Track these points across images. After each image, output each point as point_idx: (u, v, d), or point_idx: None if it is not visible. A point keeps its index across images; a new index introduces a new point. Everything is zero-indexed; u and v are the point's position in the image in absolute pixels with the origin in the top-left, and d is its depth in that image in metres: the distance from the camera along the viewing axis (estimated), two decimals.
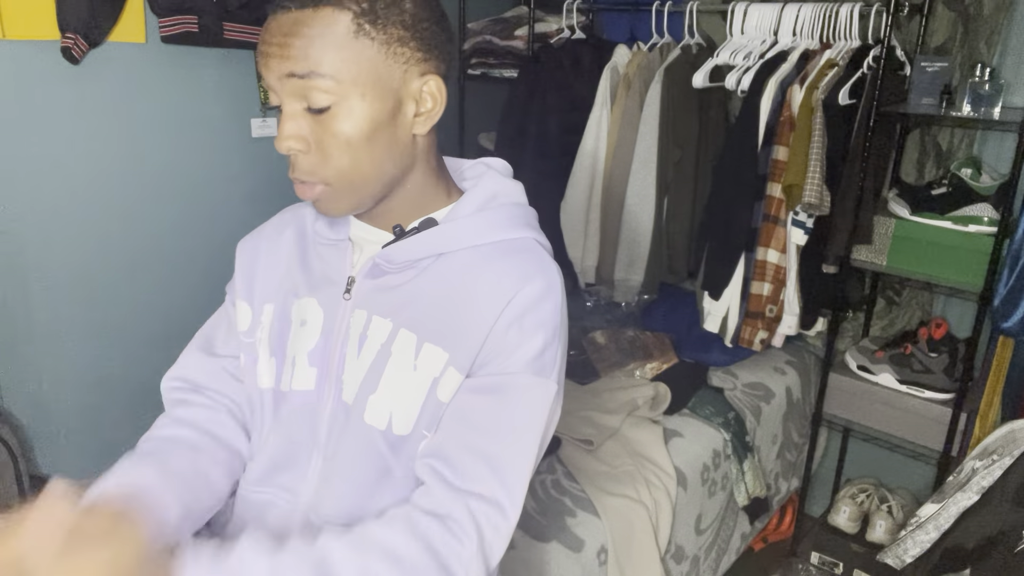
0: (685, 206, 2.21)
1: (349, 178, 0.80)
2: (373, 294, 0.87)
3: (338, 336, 0.88)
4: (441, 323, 0.83)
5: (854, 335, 2.45)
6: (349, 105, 0.76)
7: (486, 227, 0.86)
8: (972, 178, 1.94)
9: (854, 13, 1.94)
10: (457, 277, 0.84)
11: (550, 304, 0.83)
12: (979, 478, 1.62)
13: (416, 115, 0.81)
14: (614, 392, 2.05)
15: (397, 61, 0.77)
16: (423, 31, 0.78)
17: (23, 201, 1.76)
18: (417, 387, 0.83)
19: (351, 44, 0.75)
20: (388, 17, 0.76)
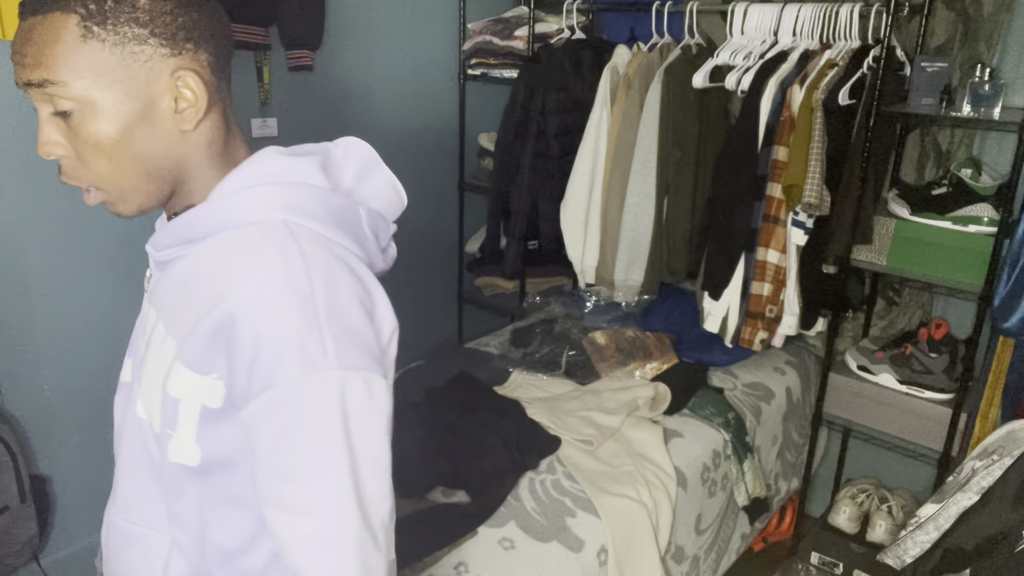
0: (685, 206, 2.21)
1: (113, 181, 0.78)
2: (156, 286, 0.85)
3: (143, 329, 0.87)
4: (178, 314, 0.78)
5: (854, 335, 2.45)
6: (92, 109, 0.74)
7: (232, 209, 0.78)
8: (972, 178, 1.94)
9: (854, 13, 1.94)
10: (200, 264, 0.79)
11: (292, 294, 0.71)
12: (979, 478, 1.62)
13: (177, 112, 0.77)
14: (614, 392, 2.05)
15: (137, 60, 0.74)
16: (165, 25, 0.74)
17: (23, 201, 1.76)
18: (157, 379, 0.78)
19: (80, 49, 0.72)
20: (118, 16, 0.72)
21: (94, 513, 2.00)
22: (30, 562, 1.88)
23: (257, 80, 2.12)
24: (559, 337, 2.33)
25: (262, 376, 0.71)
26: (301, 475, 0.72)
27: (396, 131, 2.55)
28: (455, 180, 2.78)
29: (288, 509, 0.73)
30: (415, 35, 2.53)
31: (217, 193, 0.80)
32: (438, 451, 1.73)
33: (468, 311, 2.96)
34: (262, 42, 2.04)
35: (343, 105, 2.37)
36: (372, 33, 2.40)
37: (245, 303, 0.71)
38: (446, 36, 2.64)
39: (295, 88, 2.22)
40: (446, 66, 2.66)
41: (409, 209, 0.94)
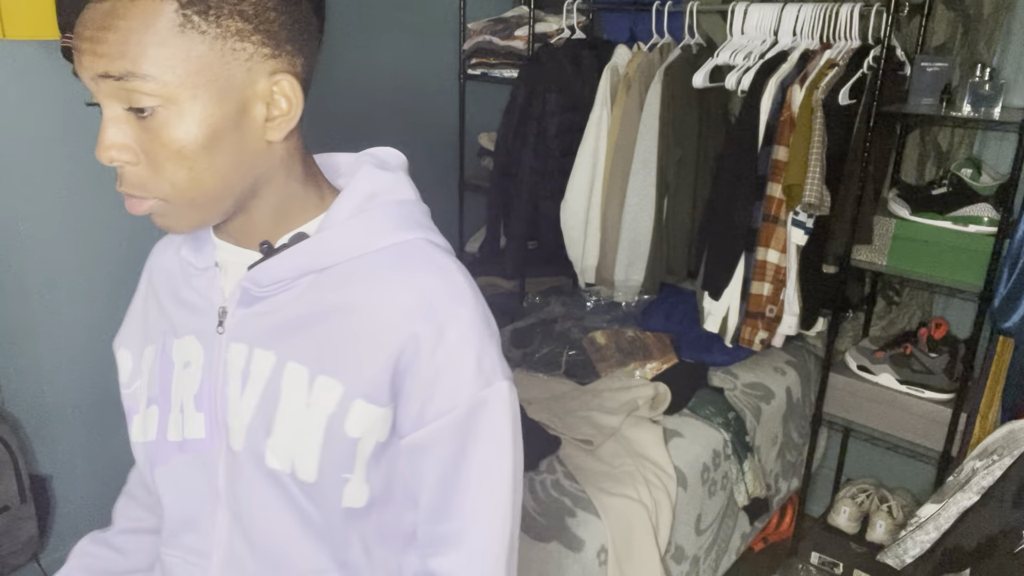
0: (685, 206, 2.21)
1: (187, 193, 0.68)
2: (249, 323, 0.76)
3: (217, 375, 0.77)
4: (331, 351, 0.72)
5: (854, 335, 2.45)
6: (179, 109, 0.65)
7: (364, 234, 0.74)
8: (972, 178, 1.95)
9: (854, 13, 1.94)
10: (340, 296, 0.73)
11: (465, 311, 0.72)
12: (979, 478, 1.62)
13: (268, 119, 0.69)
14: (614, 392, 2.05)
15: (237, 59, 0.66)
16: (269, 22, 0.66)
17: (23, 201, 1.76)
18: (313, 427, 0.73)
19: (176, 39, 0.63)
20: (222, 7, 0.64)
21: (94, 513, 1.99)
22: (30, 562, 1.88)
23: None
24: (559, 337, 2.33)
25: (444, 398, 0.72)
26: (478, 488, 0.75)
27: (396, 131, 2.55)
28: (455, 180, 2.78)
29: (462, 519, 0.75)
30: (415, 35, 2.53)
31: (336, 218, 0.74)
32: None
33: None
34: None
35: (343, 105, 2.37)
36: (372, 33, 2.40)
37: (425, 327, 0.70)
38: (446, 36, 2.64)
39: None
40: (446, 66, 2.66)
41: None
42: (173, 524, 0.85)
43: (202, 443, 0.79)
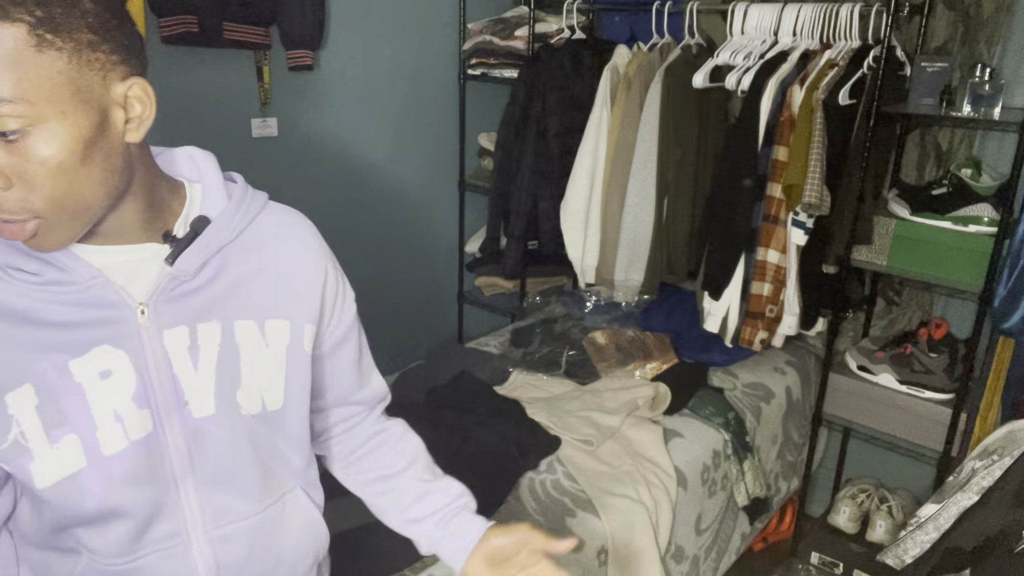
0: (685, 206, 2.21)
1: (68, 206, 0.70)
2: (175, 307, 0.80)
3: (157, 365, 0.80)
4: (270, 300, 0.87)
5: (854, 335, 2.45)
6: (49, 127, 0.66)
7: (245, 211, 0.87)
8: (972, 178, 1.94)
9: (854, 13, 1.94)
10: (255, 257, 0.87)
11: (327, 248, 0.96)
12: (979, 478, 1.62)
13: (127, 121, 0.73)
14: (614, 392, 2.05)
15: (92, 69, 0.68)
16: (113, 31, 0.70)
17: None
18: (276, 360, 0.88)
19: (34, 59, 0.64)
20: (70, 22, 0.66)
21: None
22: None
23: (257, 80, 2.12)
24: (559, 337, 2.33)
25: (346, 307, 0.97)
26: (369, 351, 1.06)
27: (396, 131, 2.55)
28: (455, 180, 2.78)
29: (382, 386, 1.09)
30: (415, 35, 2.53)
31: (216, 199, 0.86)
32: (438, 451, 1.73)
33: (468, 311, 2.96)
34: (262, 42, 2.04)
35: (343, 105, 2.37)
36: (372, 33, 2.40)
37: (325, 260, 0.93)
38: (446, 36, 2.64)
39: (295, 88, 2.22)
40: (446, 66, 2.66)
41: (409, 209, 1.00)
42: (131, 531, 0.83)
43: (148, 438, 0.81)
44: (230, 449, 0.86)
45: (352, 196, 2.46)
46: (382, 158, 2.53)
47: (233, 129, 2.11)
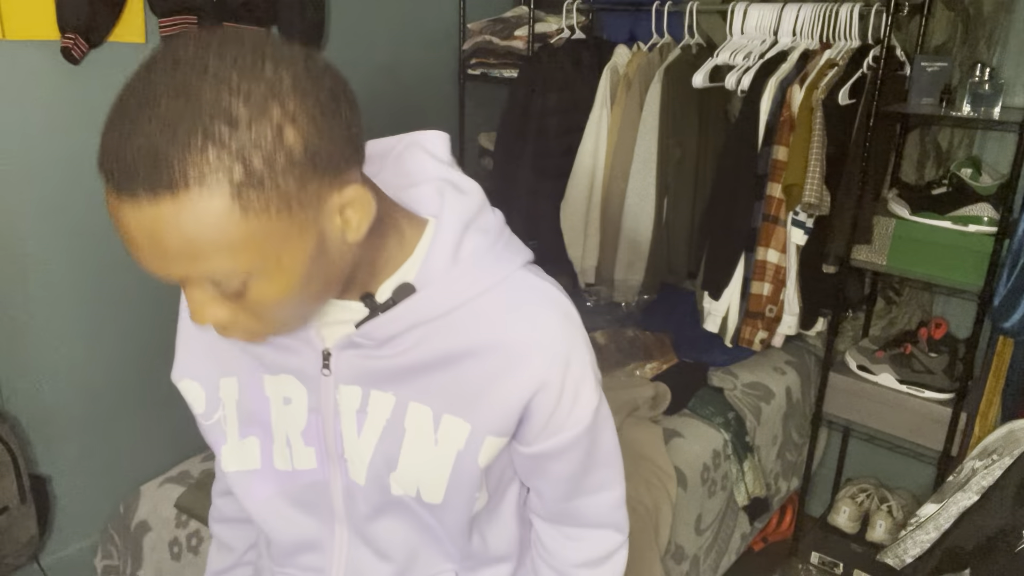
0: (685, 206, 2.21)
1: (296, 320, 0.68)
2: (360, 367, 0.76)
3: (328, 413, 0.78)
4: (456, 394, 0.74)
5: (854, 335, 2.45)
6: (268, 275, 0.60)
7: (470, 283, 0.73)
8: (972, 178, 1.94)
9: (854, 13, 1.94)
10: (458, 341, 0.73)
11: (579, 336, 0.76)
12: (979, 478, 1.62)
13: (345, 227, 0.64)
14: (614, 392, 2.05)
15: (304, 203, 0.59)
16: (322, 151, 0.59)
17: (23, 201, 1.76)
18: (441, 461, 0.77)
19: (242, 225, 0.56)
20: (274, 167, 0.56)
21: (94, 513, 1.99)
22: (30, 562, 1.88)
23: None
24: None
25: (571, 416, 0.77)
26: (608, 463, 0.85)
27: (396, 131, 2.54)
28: None
29: (598, 489, 0.86)
30: (415, 35, 2.53)
31: (436, 266, 0.72)
32: None
33: None
34: None
35: None
36: (372, 33, 2.40)
37: (552, 363, 0.74)
38: (446, 36, 2.64)
39: None
40: (446, 66, 2.66)
41: None
42: (286, 546, 0.87)
43: (314, 472, 0.81)
44: (377, 515, 0.82)
45: None
46: None
47: None
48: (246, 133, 0.54)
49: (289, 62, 0.58)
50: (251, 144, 0.55)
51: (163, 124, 0.53)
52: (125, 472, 2.03)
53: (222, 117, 0.54)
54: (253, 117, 0.55)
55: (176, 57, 0.57)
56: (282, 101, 0.56)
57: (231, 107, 0.54)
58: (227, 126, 0.54)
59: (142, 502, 1.86)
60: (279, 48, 0.59)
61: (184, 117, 0.53)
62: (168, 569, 1.76)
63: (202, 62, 0.55)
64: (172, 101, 0.54)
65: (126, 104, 0.56)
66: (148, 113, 0.54)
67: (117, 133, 0.55)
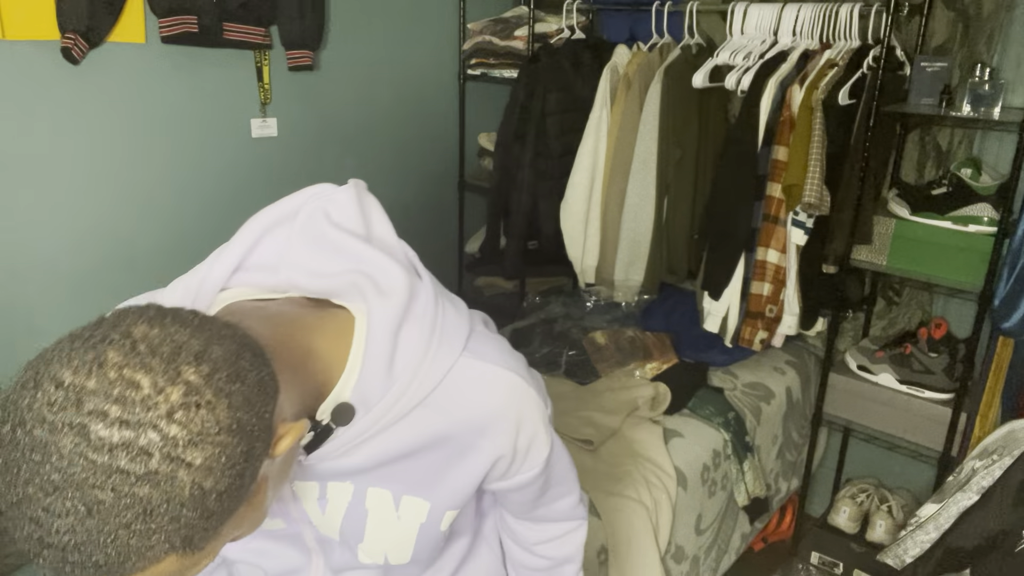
0: (685, 206, 2.21)
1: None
2: (312, 469, 0.75)
3: (287, 499, 0.80)
4: (413, 477, 0.76)
5: (854, 335, 2.45)
6: (238, 532, 0.61)
7: (412, 396, 0.71)
8: (972, 178, 1.94)
9: (854, 13, 1.94)
10: (411, 438, 0.73)
11: (529, 404, 0.77)
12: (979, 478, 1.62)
13: (280, 451, 0.60)
14: (614, 392, 2.05)
15: (251, 484, 0.56)
16: (254, 447, 0.55)
17: (23, 201, 1.76)
18: (405, 533, 0.79)
19: (197, 554, 0.55)
20: (208, 514, 0.53)
21: None
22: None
23: (257, 80, 2.12)
24: (559, 337, 2.33)
25: (527, 464, 0.82)
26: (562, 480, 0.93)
27: (396, 131, 2.55)
28: (455, 180, 2.78)
29: (556, 499, 0.94)
30: (415, 35, 2.53)
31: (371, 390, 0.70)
32: None
33: None
34: (262, 42, 2.04)
35: (343, 105, 2.37)
36: (372, 33, 2.40)
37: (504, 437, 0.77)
38: (446, 36, 2.64)
39: (295, 88, 2.22)
40: (446, 66, 2.66)
41: (409, 209, 0.94)
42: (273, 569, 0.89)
43: (284, 530, 0.84)
44: (353, 562, 0.85)
45: None
46: (382, 158, 2.53)
47: (233, 129, 2.11)
48: (167, 510, 0.51)
49: (176, 407, 0.51)
50: (178, 513, 0.51)
51: (78, 546, 0.50)
52: None
53: (134, 511, 0.50)
54: (166, 493, 0.51)
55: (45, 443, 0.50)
56: (189, 460, 0.51)
57: (138, 495, 0.50)
58: (144, 516, 0.50)
59: None
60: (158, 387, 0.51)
61: (96, 531, 0.50)
62: None
63: (80, 456, 0.49)
64: (72, 520, 0.50)
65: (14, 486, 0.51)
66: (54, 528, 0.51)
67: (29, 536, 0.52)
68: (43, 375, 0.53)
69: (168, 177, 2.00)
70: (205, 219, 2.09)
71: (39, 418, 0.51)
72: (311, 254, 0.73)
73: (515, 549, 1.02)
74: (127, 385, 0.51)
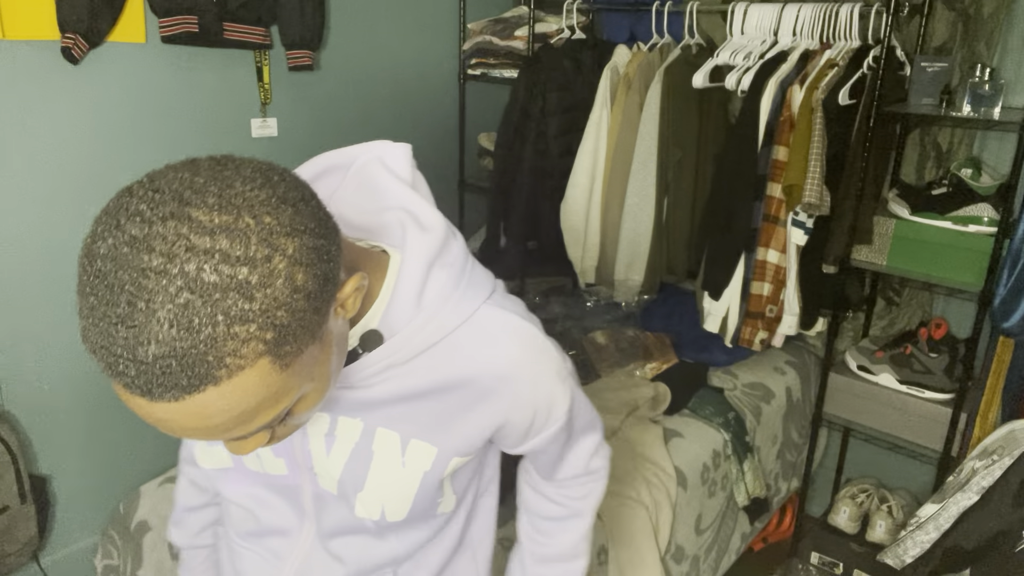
0: (685, 206, 2.21)
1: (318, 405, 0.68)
2: (357, 400, 0.77)
3: (295, 434, 0.80)
4: (424, 422, 0.77)
5: (854, 335, 2.45)
6: (305, 395, 0.62)
7: (436, 329, 0.74)
8: (972, 178, 1.95)
9: (854, 13, 1.94)
10: (428, 377, 0.75)
11: (547, 361, 0.80)
12: (979, 478, 1.62)
13: (345, 312, 0.64)
14: (614, 392, 2.05)
15: (324, 321, 0.59)
16: (328, 272, 0.58)
17: (23, 200, 1.76)
18: (408, 481, 0.79)
19: (283, 374, 0.56)
20: (297, 313, 0.55)
21: (94, 513, 2.00)
22: (30, 562, 1.88)
23: (257, 80, 2.12)
24: (559, 337, 2.33)
25: (546, 421, 0.83)
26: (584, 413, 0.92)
27: (396, 131, 2.55)
28: (455, 180, 2.78)
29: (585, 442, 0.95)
30: (415, 35, 2.53)
31: (400, 314, 0.73)
32: None
33: None
34: (262, 42, 2.04)
35: (343, 105, 2.37)
36: (372, 33, 2.40)
37: (520, 390, 0.78)
38: (446, 36, 2.64)
39: (295, 88, 2.22)
40: (446, 66, 2.66)
41: None
42: (255, 527, 0.89)
43: (285, 477, 0.83)
44: (346, 521, 0.84)
45: None
46: None
47: (233, 129, 2.11)
48: (263, 297, 0.52)
49: (264, 202, 0.54)
50: (273, 305, 0.53)
51: (175, 323, 0.50)
52: (125, 472, 2.03)
53: (235, 292, 0.51)
54: (263, 277, 0.52)
55: (145, 235, 0.51)
56: (282, 248, 0.54)
57: (237, 276, 0.51)
58: (242, 298, 0.52)
59: (142, 502, 1.86)
60: (246, 189, 0.54)
61: (195, 308, 0.50)
62: (168, 569, 1.76)
63: (181, 237, 0.51)
64: (172, 293, 0.50)
65: (109, 293, 0.51)
66: (147, 310, 0.50)
67: (113, 333, 0.51)
68: (135, 187, 0.54)
69: None
70: None
71: (136, 216, 0.51)
72: (362, 192, 0.78)
73: (530, 494, 1.03)
74: (223, 183, 0.54)
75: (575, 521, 1.01)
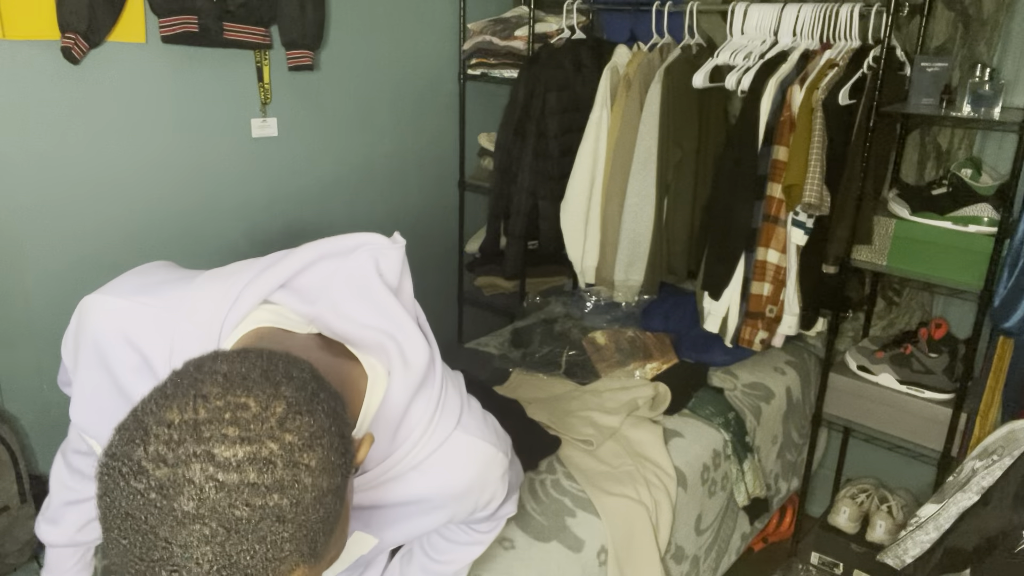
0: (685, 206, 2.21)
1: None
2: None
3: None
4: (375, 521, 0.83)
5: (854, 335, 2.45)
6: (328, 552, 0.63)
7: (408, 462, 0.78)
8: (972, 178, 1.94)
9: (854, 13, 1.94)
10: (387, 496, 0.80)
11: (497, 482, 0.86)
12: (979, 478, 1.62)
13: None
14: (614, 392, 2.05)
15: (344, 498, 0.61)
16: (345, 455, 0.59)
17: (23, 200, 1.76)
18: (343, 559, 0.85)
19: (320, 565, 0.59)
20: (328, 515, 0.57)
21: None
22: (30, 562, 1.88)
23: (257, 80, 2.12)
24: (559, 337, 2.33)
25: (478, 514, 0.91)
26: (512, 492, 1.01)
27: (396, 131, 2.55)
28: (455, 180, 2.78)
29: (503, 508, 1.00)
30: (415, 35, 2.53)
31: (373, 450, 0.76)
32: None
33: (468, 311, 2.95)
34: (262, 42, 2.04)
35: (343, 105, 2.37)
36: (372, 33, 2.40)
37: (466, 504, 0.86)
38: (446, 36, 2.64)
39: (295, 88, 2.22)
40: (446, 66, 2.66)
41: (409, 209, 0.94)
42: None
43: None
44: None
45: (352, 196, 2.46)
46: (382, 158, 2.53)
47: (233, 129, 2.11)
48: (295, 515, 0.54)
49: (281, 419, 0.55)
50: (305, 520, 0.54)
51: (215, 560, 0.51)
52: None
53: (270, 519, 0.52)
54: (292, 498, 0.53)
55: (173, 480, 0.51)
56: (306, 464, 0.55)
57: (269, 503, 0.52)
58: (277, 522, 0.53)
59: None
60: (261, 411, 0.55)
61: (233, 543, 0.51)
62: None
63: (210, 479, 0.51)
64: (208, 535, 0.51)
65: (143, 539, 0.51)
66: (184, 554, 0.51)
67: (154, 572, 0.51)
68: (148, 423, 0.53)
69: (168, 177, 2.00)
70: (205, 219, 2.09)
71: (158, 460, 0.52)
72: (352, 299, 0.77)
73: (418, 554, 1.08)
74: (236, 408, 0.54)
75: (474, 548, 1.08)
